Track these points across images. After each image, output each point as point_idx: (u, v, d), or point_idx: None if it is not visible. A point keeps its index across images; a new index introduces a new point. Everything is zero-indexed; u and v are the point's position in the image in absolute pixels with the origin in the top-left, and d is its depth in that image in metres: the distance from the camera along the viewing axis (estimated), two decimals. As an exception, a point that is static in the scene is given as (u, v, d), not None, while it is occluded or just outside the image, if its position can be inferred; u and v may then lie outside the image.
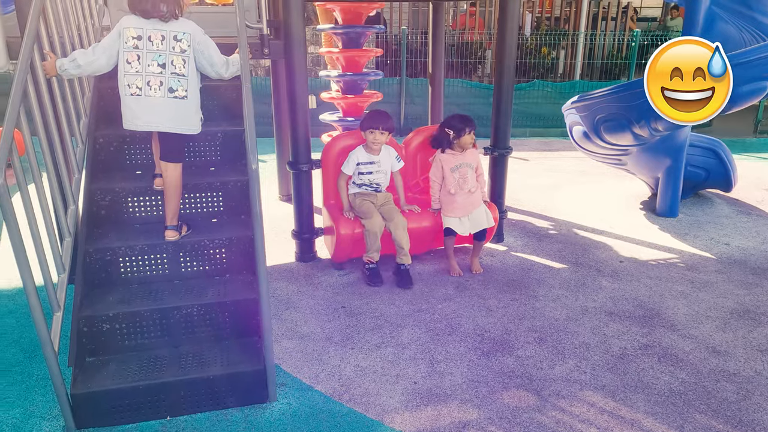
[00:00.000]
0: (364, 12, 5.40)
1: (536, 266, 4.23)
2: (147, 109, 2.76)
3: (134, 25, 2.73)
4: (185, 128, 2.86)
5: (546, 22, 12.90)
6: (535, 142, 8.64)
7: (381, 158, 3.96)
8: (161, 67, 2.76)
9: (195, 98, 2.88)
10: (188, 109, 2.84)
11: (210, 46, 2.85)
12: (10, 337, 3.24)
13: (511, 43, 4.19)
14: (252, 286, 2.91)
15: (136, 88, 2.74)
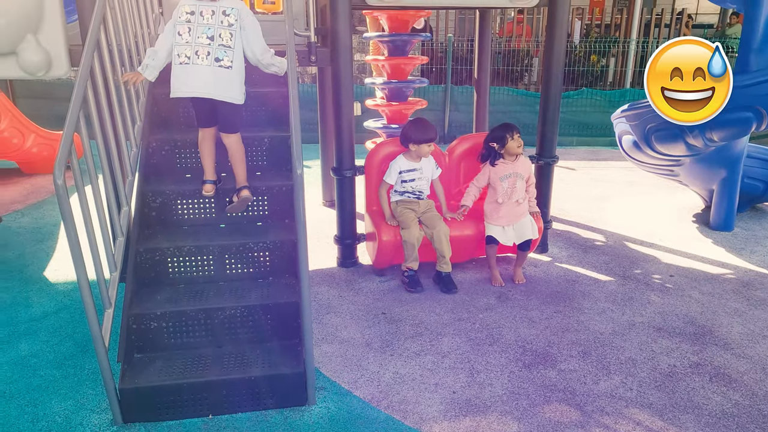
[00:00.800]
0: (411, 20, 5.43)
1: (581, 278, 4.13)
2: (193, 77, 2.93)
3: (189, 3, 2.97)
4: (228, 96, 3.00)
5: (596, 29, 12.63)
6: (582, 152, 8.45)
7: (422, 165, 3.95)
8: (210, 39, 2.94)
9: (239, 70, 3.04)
10: (232, 79, 3.01)
11: (254, 26, 3.01)
12: (65, 331, 3.38)
13: (559, 51, 4.13)
14: (294, 290, 2.95)
15: (185, 57, 2.93)
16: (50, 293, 3.85)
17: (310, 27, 3.82)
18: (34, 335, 3.33)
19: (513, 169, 3.90)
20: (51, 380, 2.91)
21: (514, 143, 3.87)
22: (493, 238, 3.95)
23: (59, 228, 5.11)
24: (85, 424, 2.59)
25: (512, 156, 3.90)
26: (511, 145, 3.86)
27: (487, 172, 3.95)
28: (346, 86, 3.91)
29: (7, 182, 6.43)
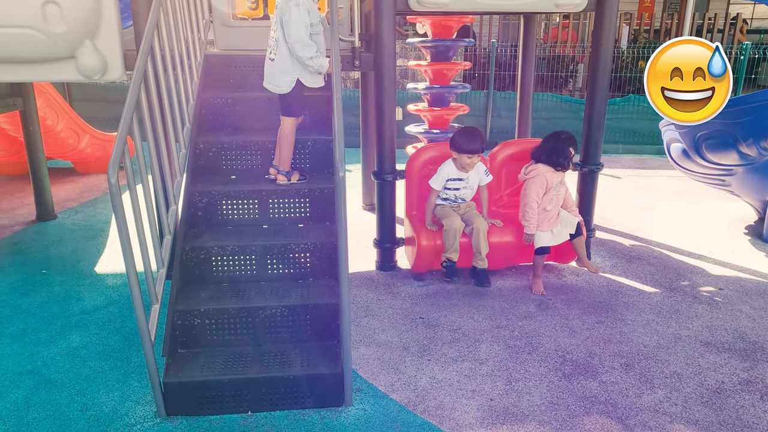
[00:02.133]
0: (455, 26, 5.43)
1: (625, 288, 4.03)
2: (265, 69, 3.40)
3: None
4: (273, 87, 3.38)
5: (644, 34, 12.33)
6: (628, 159, 8.25)
7: (470, 175, 3.94)
8: (273, 32, 3.30)
9: (281, 61, 3.30)
10: (276, 71, 3.32)
11: (290, 21, 3.19)
12: (113, 325, 3.50)
13: (605, 56, 4.05)
14: (333, 291, 2.98)
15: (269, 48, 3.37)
16: (100, 288, 4.00)
17: (354, 32, 3.86)
18: (84, 327, 3.47)
19: (560, 177, 3.95)
20: (99, 371, 3.02)
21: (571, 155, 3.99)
22: (545, 248, 3.92)
23: (110, 225, 5.31)
24: (131, 415, 2.68)
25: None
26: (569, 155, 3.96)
27: (543, 182, 3.84)
28: (389, 91, 3.93)
29: (63, 181, 6.72)
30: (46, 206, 5.41)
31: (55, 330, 3.44)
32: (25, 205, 5.84)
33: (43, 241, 4.92)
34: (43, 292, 3.94)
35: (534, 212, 3.85)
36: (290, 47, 3.22)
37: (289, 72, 3.30)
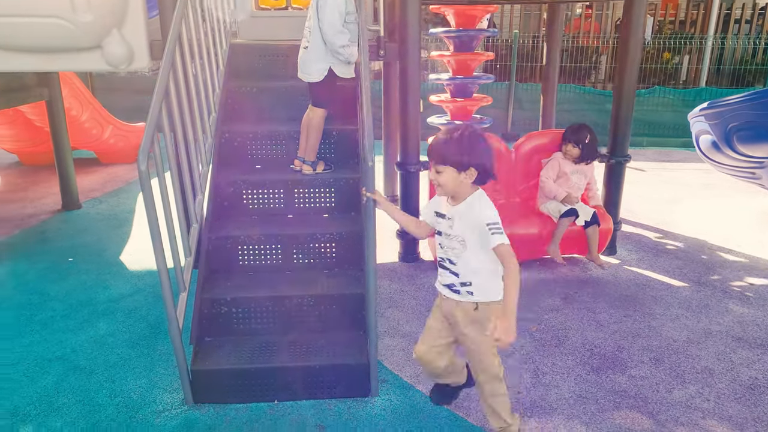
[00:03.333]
0: (478, 16, 5.36)
1: (652, 282, 3.96)
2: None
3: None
4: (305, 76, 3.34)
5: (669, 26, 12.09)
6: (652, 153, 8.12)
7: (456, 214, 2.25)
8: (309, 20, 3.28)
9: (315, 49, 3.26)
10: (308, 59, 3.29)
11: (327, 3, 3.15)
12: (139, 313, 3.53)
13: (635, 46, 3.97)
14: (358, 282, 2.97)
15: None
16: (126, 276, 4.04)
17: (379, 22, 3.82)
18: (111, 315, 3.50)
19: (578, 165, 4.03)
20: (127, 359, 3.05)
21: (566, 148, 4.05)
22: (571, 211, 3.88)
23: (134, 215, 5.36)
24: (158, 401, 2.69)
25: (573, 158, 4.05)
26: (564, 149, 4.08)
27: (555, 167, 4.05)
28: (413, 81, 3.90)
29: (86, 171, 6.79)
30: (72, 196, 5.47)
31: (82, 317, 3.47)
32: (50, 194, 5.91)
33: (68, 229, 4.97)
34: (71, 279, 3.99)
35: (548, 185, 4.01)
36: (323, 33, 3.17)
37: (321, 60, 3.25)
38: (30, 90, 4.90)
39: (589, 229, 3.93)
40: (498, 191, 4.19)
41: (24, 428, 2.52)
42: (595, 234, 3.93)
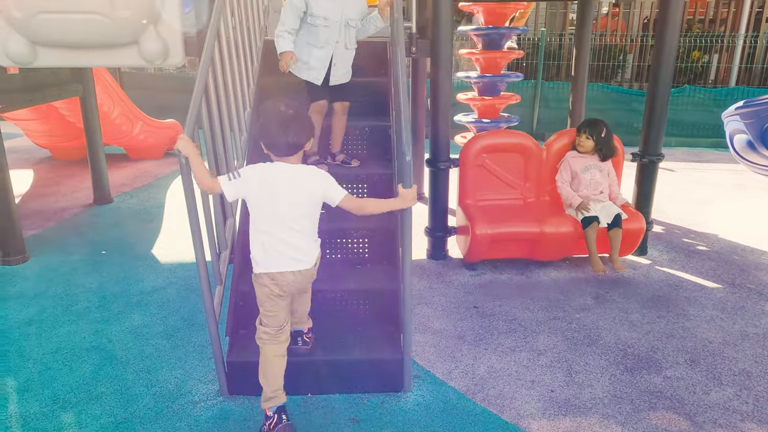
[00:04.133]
0: (508, 13, 5.33)
1: (685, 283, 3.90)
2: None
3: None
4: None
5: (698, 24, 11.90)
6: (681, 153, 7.99)
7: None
8: None
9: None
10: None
11: None
12: (172, 306, 3.58)
13: (671, 44, 3.91)
14: (391, 277, 2.98)
15: None
16: (158, 270, 4.10)
17: (412, 18, 3.82)
18: (145, 307, 3.55)
19: (592, 161, 4.01)
20: (162, 350, 3.09)
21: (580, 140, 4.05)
22: (591, 217, 3.82)
23: (163, 210, 5.43)
24: (194, 392, 2.73)
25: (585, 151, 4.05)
26: (577, 140, 4.07)
27: (567, 167, 4.06)
28: (444, 78, 3.89)
29: (117, 166, 6.90)
30: (104, 190, 5.57)
31: (117, 309, 3.53)
32: (82, 188, 6.02)
33: (101, 223, 5.06)
34: (104, 272, 4.06)
35: (564, 189, 4.03)
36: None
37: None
38: (64, 86, 4.99)
39: (611, 232, 3.86)
40: (528, 189, 4.17)
41: (65, 415, 2.57)
42: (617, 237, 3.87)
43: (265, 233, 2.33)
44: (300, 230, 2.34)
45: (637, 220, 3.94)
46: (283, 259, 2.34)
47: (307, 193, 2.33)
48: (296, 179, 2.32)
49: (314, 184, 2.35)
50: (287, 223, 2.31)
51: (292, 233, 2.32)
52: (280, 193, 2.30)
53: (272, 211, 2.30)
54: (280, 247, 2.32)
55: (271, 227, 2.31)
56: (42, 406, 2.63)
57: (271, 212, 2.30)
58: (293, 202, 2.31)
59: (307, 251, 2.38)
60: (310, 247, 2.40)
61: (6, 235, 4.12)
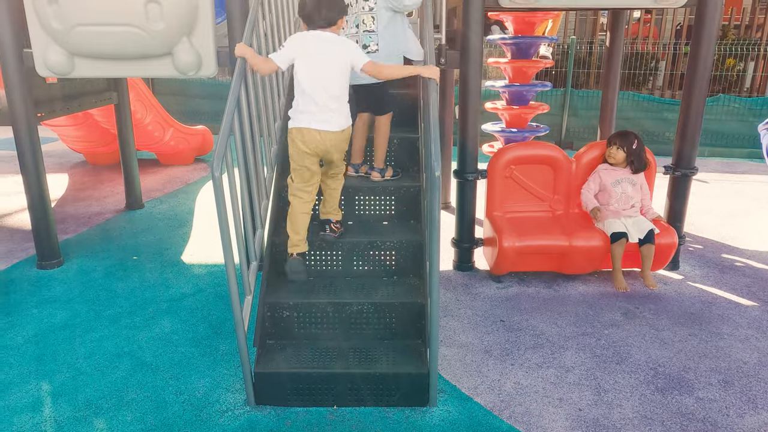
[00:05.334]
0: (537, 22, 5.29)
1: (718, 300, 3.81)
2: None
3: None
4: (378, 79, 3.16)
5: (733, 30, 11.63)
6: (715, 163, 7.81)
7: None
8: (356, 27, 3.22)
9: (385, 50, 3.25)
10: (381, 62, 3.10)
11: None
12: (200, 313, 3.63)
13: (706, 54, 3.83)
14: (418, 291, 2.97)
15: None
16: (187, 276, 4.16)
17: (441, 30, 3.82)
18: (174, 314, 3.61)
19: (623, 174, 3.94)
20: (190, 357, 3.14)
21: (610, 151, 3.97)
22: (619, 233, 3.76)
23: (193, 216, 5.52)
24: (222, 401, 2.76)
25: (616, 163, 3.98)
26: (608, 152, 3.98)
27: (596, 179, 4.00)
28: (474, 89, 3.88)
29: (148, 171, 7.04)
30: (135, 196, 5.68)
31: (147, 315, 3.60)
32: (114, 193, 6.16)
33: (132, 229, 5.17)
34: (135, 278, 4.14)
35: (584, 194, 4.00)
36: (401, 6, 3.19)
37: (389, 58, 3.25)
38: (100, 94, 5.12)
39: (643, 248, 3.80)
40: (557, 202, 4.13)
41: (97, 421, 2.63)
42: (650, 253, 3.79)
43: (302, 93, 2.79)
44: (329, 94, 2.77)
45: (670, 234, 3.87)
46: (312, 119, 2.78)
47: (336, 57, 2.76)
48: (328, 46, 2.77)
49: (343, 51, 2.78)
50: (320, 84, 2.75)
51: (323, 96, 2.76)
52: (315, 58, 2.75)
53: (309, 72, 2.75)
54: (311, 107, 2.77)
55: (308, 87, 2.76)
56: (75, 410, 2.70)
57: (308, 74, 2.75)
58: (325, 65, 2.75)
59: (332, 116, 2.80)
60: (336, 114, 2.82)
61: (43, 241, 4.23)
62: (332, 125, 2.82)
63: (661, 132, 8.22)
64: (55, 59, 3.75)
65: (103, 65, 3.82)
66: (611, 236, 3.77)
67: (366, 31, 3.23)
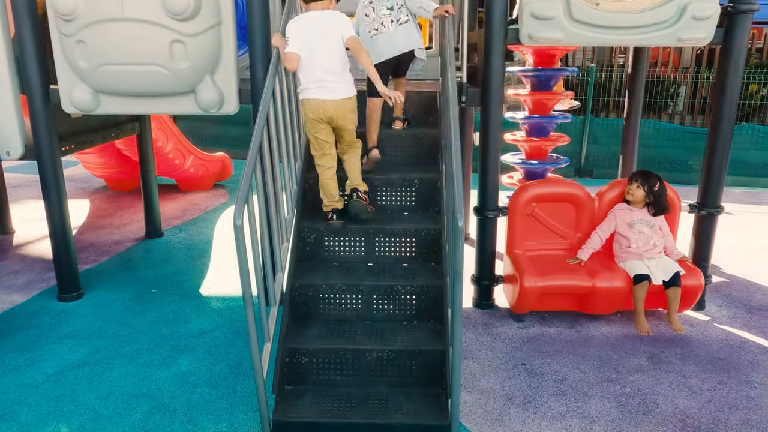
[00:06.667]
0: (558, 54, 5.27)
1: (748, 344, 3.70)
2: (385, 42, 3.60)
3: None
4: (416, 44, 3.66)
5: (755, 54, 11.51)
6: (738, 193, 7.67)
7: None
8: (389, 9, 3.62)
9: (414, 21, 3.69)
10: (413, 30, 3.64)
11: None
12: (218, 351, 3.61)
13: (732, 93, 3.79)
14: (438, 336, 2.93)
15: (373, 30, 3.63)
16: (205, 311, 4.15)
17: (462, 67, 3.81)
18: (192, 352, 3.60)
19: (641, 214, 3.85)
20: (208, 399, 3.11)
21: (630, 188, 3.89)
22: (642, 275, 3.68)
23: (211, 245, 5.54)
24: (239, 449, 2.73)
25: (635, 201, 3.89)
26: (627, 189, 3.91)
27: (611, 220, 3.93)
28: (495, 126, 3.86)
29: (167, 198, 7.10)
30: (155, 225, 5.72)
31: (165, 352, 3.59)
32: (134, 221, 6.21)
33: (152, 258, 5.19)
34: (153, 312, 4.14)
35: (591, 242, 3.94)
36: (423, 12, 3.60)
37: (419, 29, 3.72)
38: (123, 125, 5.19)
39: (669, 290, 3.70)
40: (579, 240, 4.07)
41: (114, 468, 2.60)
42: (676, 296, 3.70)
43: (302, 70, 3.15)
44: (329, 65, 3.11)
45: (695, 276, 3.78)
46: (317, 89, 3.13)
47: (329, 30, 3.10)
48: (322, 22, 3.12)
49: (334, 23, 3.12)
50: (319, 57, 3.10)
51: (323, 66, 3.11)
52: (312, 34, 3.10)
53: (309, 49, 3.10)
54: (315, 78, 3.13)
55: (306, 63, 3.13)
56: (92, 457, 2.68)
57: (309, 50, 3.11)
58: (321, 39, 3.09)
59: (334, 85, 3.14)
60: (338, 82, 3.15)
61: (64, 273, 4.27)
62: (332, 93, 3.14)
63: (683, 160, 8.11)
64: (81, 97, 3.80)
65: (127, 102, 3.86)
66: (634, 278, 3.70)
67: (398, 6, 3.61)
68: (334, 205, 3.36)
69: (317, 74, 3.12)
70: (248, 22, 3.65)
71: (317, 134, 3.23)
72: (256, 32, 3.64)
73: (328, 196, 3.34)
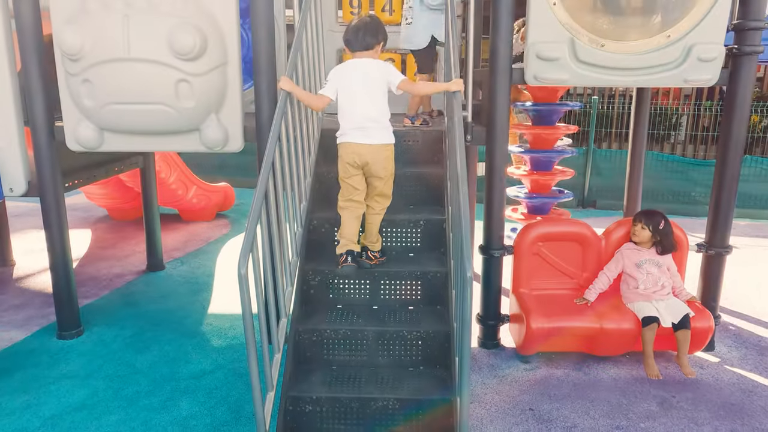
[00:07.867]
0: (560, 90, 5.29)
1: (760, 388, 3.63)
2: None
3: None
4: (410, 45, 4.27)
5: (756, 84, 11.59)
6: (743, 226, 7.63)
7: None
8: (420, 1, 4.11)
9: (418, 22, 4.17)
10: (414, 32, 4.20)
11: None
12: (219, 393, 3.54)
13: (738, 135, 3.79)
14: (446, 384, 2.86)
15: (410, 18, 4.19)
16: (206, 350, 4.09)
17: (468, 106, 3.80)
18: (192, 394, 3.52)
19: (648, 254, 3.80)
20: (208, 447, 3.04)
21: (635, 229, 3.85)
22: (651, 317, 3.62)
23: (213, 279, 5.49)
24: (240, 502, 2.65)
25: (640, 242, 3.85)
26: (632, 230, 3.87)
27: (618, 260, 3.88)
28: (499, 165, 3.84)
29: (169, 228, 7.07)
30: (157, 257, 5.68)
31: (165, 395, 3.51)
32: (136, 252, 6.17)
33: (152, 293, 5.14)
34: (154, 350, 4.08)
35: (599, 282, 3.88)
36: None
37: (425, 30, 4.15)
38: (127, 159, 5.19)
39: (678, 333, 3.63)
40: (587, 280, 4.02)
41: None
42: (686, 339, 3.63)
43: (343, 115, 3.17)
44: (372, 113, 3.11)
45: (705, 318, 3.72)
46: (356, 134, 3.13)
47: (374, 79, 3.11)
48: (367, 71, 3.13)
49: (378, 72, 3.13)
50: (362, 104, 3.10)
51: (365, 114, 3.11)
52: (355, 82, 3.11)
53: (350, 97, 3.11)
54: (356, 125, 3.12)
55: (352, 108, 3.12)
56: None
57: (347, 98, 3.12)
58: (364, 87, 3.11)
59: (374, 131, 3.13)
60: (373, 130, 3.13)
61: (64, 310, 4.21)
62: (370, 138, 3.13)
63: (686, 191, 8.10)
64: (86, 134, 3.80)
65: (132, 140, 3.86)
66: (642, 320, 3.64)
67: None
68: (350, 247, 3.17)
69: (358, 121, 3.10)
70: (254, 59, 3.65)
71: (349, 180, 3.18)
72: (262, 71, 3.64)
73: (345, 236, 3.18)
